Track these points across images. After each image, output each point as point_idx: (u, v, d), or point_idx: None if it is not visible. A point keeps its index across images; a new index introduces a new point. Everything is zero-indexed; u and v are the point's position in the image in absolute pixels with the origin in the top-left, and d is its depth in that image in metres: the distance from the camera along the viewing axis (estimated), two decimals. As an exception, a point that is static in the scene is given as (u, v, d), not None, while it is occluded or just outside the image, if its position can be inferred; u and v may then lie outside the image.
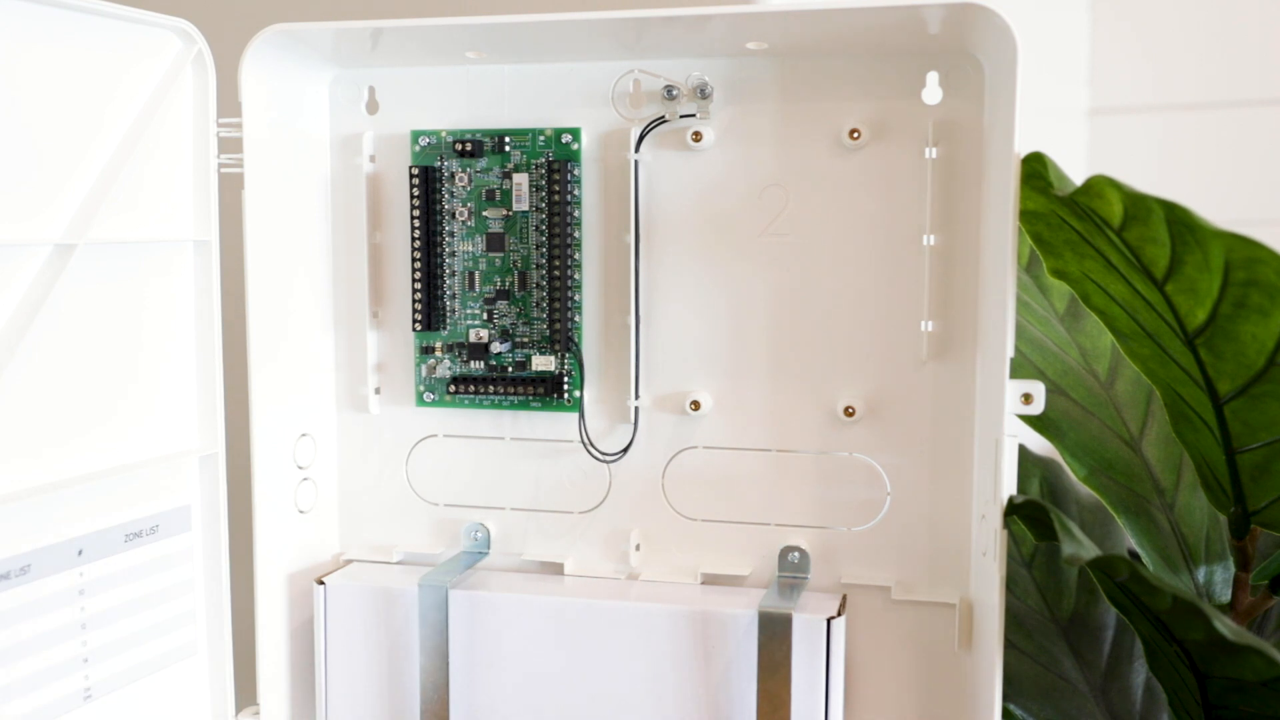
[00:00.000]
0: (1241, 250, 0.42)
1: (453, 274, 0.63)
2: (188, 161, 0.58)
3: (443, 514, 0.65)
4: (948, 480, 0.59)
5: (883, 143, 0.58)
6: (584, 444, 0.62)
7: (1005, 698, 0.59)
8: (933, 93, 0.57)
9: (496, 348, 0.63)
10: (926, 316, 0.58)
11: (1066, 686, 0.64)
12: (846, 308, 0.59)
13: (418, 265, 0.62)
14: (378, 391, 0.65)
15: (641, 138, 0.60)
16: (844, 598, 0.59)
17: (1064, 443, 0.63)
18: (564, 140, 0.61)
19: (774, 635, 0.56)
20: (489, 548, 0.64)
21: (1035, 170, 0.50)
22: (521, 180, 0.62)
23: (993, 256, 0.53)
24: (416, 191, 0.62)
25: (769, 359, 0.60)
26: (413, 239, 0.62)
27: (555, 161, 0.60)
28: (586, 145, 0.61)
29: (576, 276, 0.61)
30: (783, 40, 0.56)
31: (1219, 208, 0.54)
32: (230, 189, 0.59)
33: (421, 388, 0.64)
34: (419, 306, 0.62)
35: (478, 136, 0.62)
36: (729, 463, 0.61)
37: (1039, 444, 0.66)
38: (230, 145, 0.59)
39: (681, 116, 0.59)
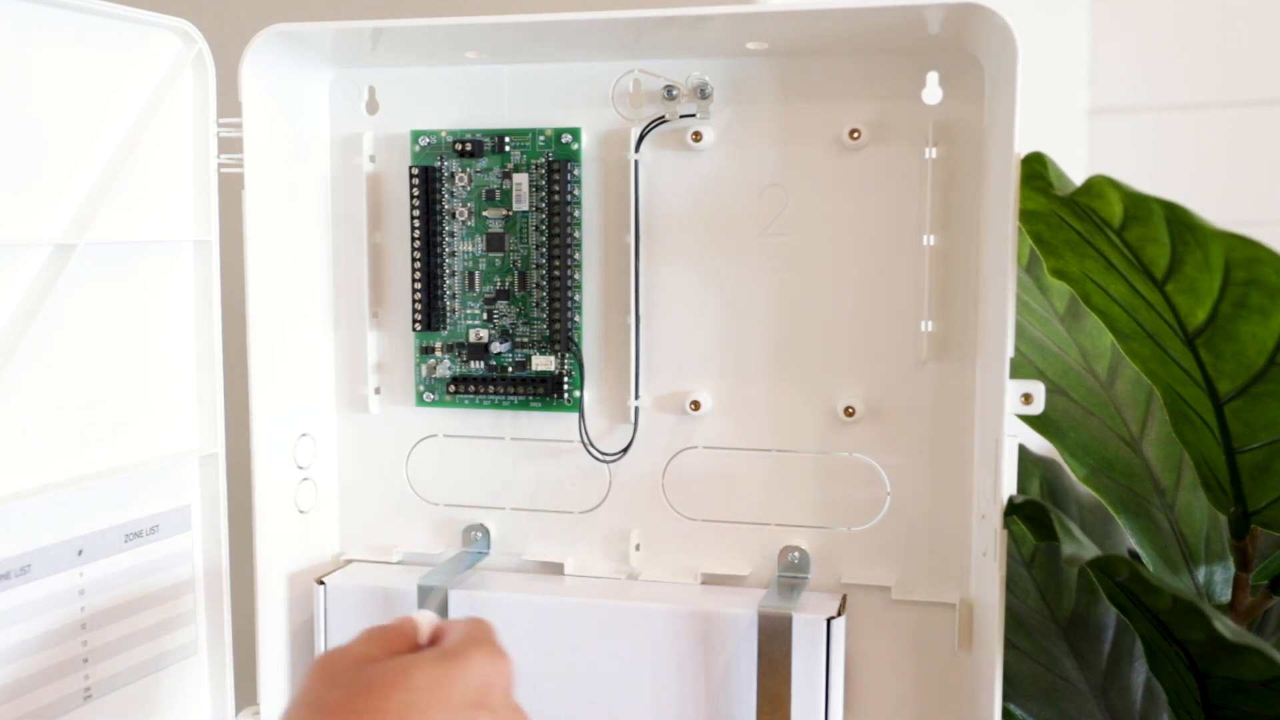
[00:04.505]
0: (1241, 250, 0.42)
1: (453, 274, 0.63)
2: (188, 161, 0.58)
3: (443, 514, 0.65)
4: (948, 480, 0.59)
5: (883, 143, 0.58)
6: (584, 444, 0.62)
7: (1005, 698, 0.59)
8: (933, 93, 0.57)
9: (496, 348, 0.63)
10: (926, 316, 0.58)
11: (1066, 686, 0.64)
12: (846, 308, 0.59)
13: (418, 265, 0.62)
14: (378, 391, 0.65)
15: (641, 138, 0.60)
16: (844, 598, 0.59)
17: (1064, 443, 0.63)
18: (564, 140, 0.61)
19: (774, 635, 0.56)
20: (489, 548, 0.64)
21: (1035, 170, 0.50)
22: (521, 180, 0.62)
23: (993, 256, 0.53)
24: (416, 191, 0.62)
25: (769, 359, 0.60)
26: (413, 239, 0.62)
27: (555, 161, 0.60)
28: (586, 145, 0.61)
29: (576, 276, 0.61)
30: (783, 40, 0.56)
31: (1218, 208, 0.53)
32: (230, 189, 0.59)
33: (421, 388, 0.64)
34: (419, 306, 0.62)
35: (478, 136, 0.62)
36: (729, 463, 0.61)
37: (1039, 444, 0.66)
38: (230, 145, 0.59)
39: (681, 116, 0.59)
